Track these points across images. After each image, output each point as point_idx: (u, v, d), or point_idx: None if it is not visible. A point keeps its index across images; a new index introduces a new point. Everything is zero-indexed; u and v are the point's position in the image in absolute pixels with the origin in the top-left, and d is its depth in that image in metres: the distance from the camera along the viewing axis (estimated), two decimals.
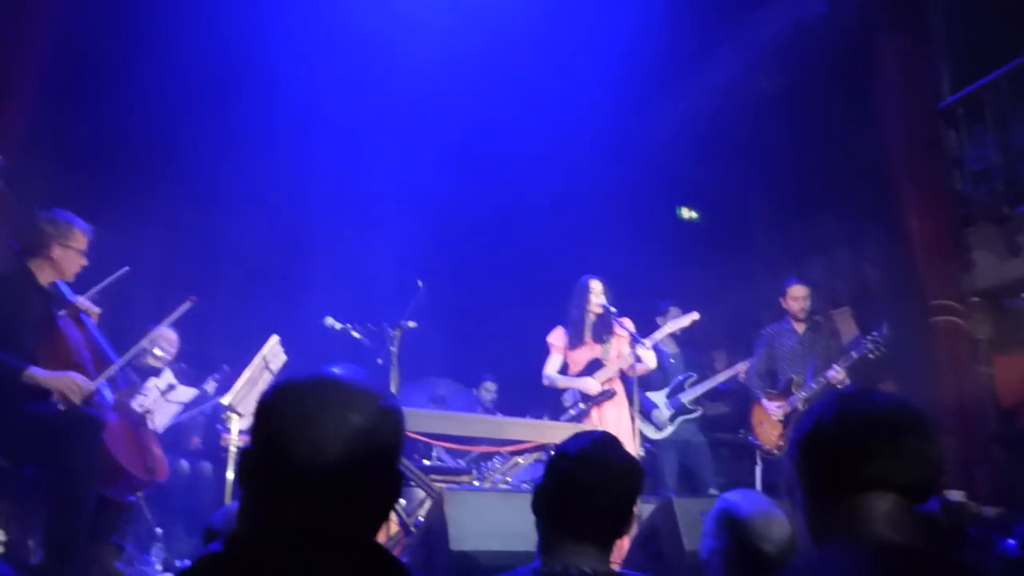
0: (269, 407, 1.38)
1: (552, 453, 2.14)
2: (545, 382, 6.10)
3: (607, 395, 5.95)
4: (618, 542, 2.11)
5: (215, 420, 6.11)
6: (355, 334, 5.39)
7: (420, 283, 5.54)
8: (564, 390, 6.07)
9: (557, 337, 6.14)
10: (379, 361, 5.31)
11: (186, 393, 4.92)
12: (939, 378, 6.32)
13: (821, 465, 1.62)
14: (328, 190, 7.65)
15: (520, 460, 5.24)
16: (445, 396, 7.10)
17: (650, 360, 5.75)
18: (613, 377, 6.01)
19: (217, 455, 5.81)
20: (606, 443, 2.12)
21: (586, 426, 5.56)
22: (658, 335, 6.11)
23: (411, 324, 5.27)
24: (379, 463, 1.39)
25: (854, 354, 6.21)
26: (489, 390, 7.86)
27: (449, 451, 6.40)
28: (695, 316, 6.21)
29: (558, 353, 6.12)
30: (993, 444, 6.34)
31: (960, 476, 5.72)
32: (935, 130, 6.92)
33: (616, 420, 5.87)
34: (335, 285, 7.34)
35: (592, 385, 5.91)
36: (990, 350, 6.86)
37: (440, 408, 6.96)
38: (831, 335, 6.70)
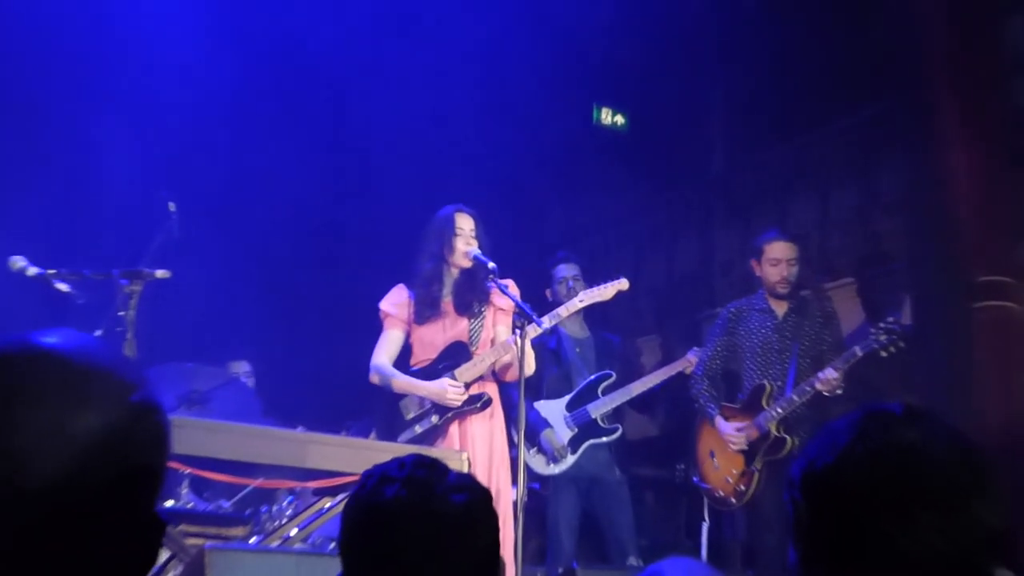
0: None
1: (347, 505, 2.24)
2: (373, 377, 6.06)
3: (476, 403, 5.97)
4: None
5: None
6: (61, 286, 5.29)
7: (173, 206, 5.57)
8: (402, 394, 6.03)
9: (396, 302, 6.13)
10: (98, 333, 5.20)
11: None
12: (979, 390, 6.34)
13: (835, 523, 1.68)
14: (28, 46, 7.49)
15: (328, 503, 5.20)
16: (206, 393, 6.96)
17: (527, 360, 5.70)
18: (486, 376, 6.05)
19: None
20: (430, 474, 2.19)
21: (440, 450, 5.59)
22: (564, 311, 6.14)
23: (160, 274, 5.21)
24: (129, 495, 1.37)
25: (858, 350, 6.30)
26: (239, 373, 7.94)
27: (202, 488, 6.49)
28: (622, 285, 6.24)
29: (397, 328, 6.12)
30: None
31: None
32: (995, 15, 6.84)
33: (487, 444, 5.95)
34: (31, 203, 7.21)
35: (451, 394, 5.94)
36: None
37: (197, 412, 6.85)
38: (826, 320, 6.79)
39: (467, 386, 5.99)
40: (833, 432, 1.71)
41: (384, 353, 6.07)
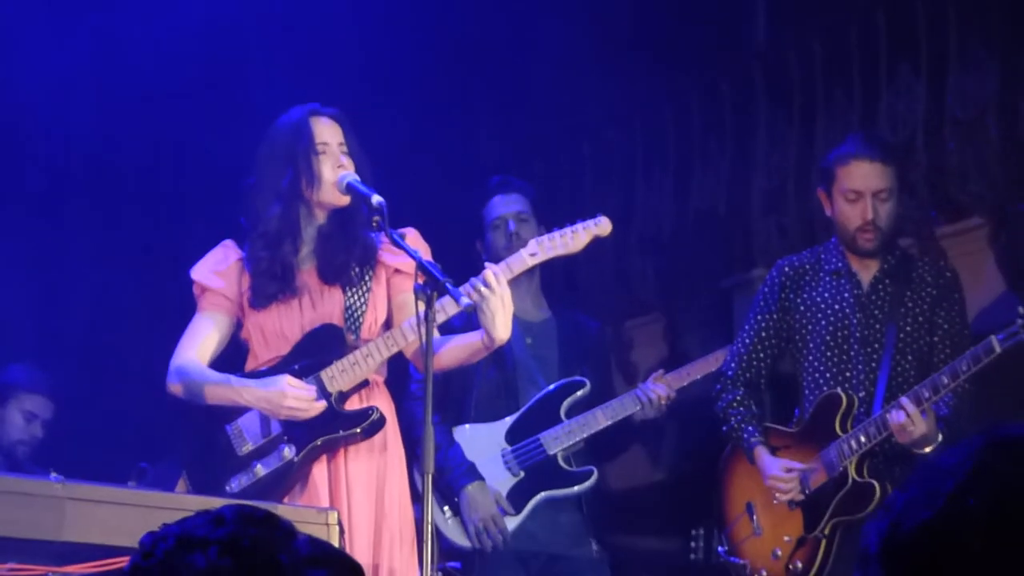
0: None
1: None
2: (173, 385, 5.93)
3: (356, 425, 5.81)
4: None
5: None
6: None
7: None
8: (227, 410, 5.94)
9: (218, 269, 6.11)
10: None
11: None
12: None
13: None
14: None
15: None
16: None
17: (439, 355, 5.77)
18: (374, 381, 5.93)
19: None
20: (267, 535, 2.15)
21: (294, 508, 5.44)
22: (503, 273, 5.81)
23: None
24: None
25: (996, 343, 6.11)
26: None
27: None
28: (600, 229, 6.01)
29: (219, 311, 6.04)
30: None
31: None
32: None
33: (372, 496, 5.85)
34: None
35: (291, 399, 5.76)
36: None
37: None
38: (942, 290, 6.66)
39: (344, 397, 5.80)
40: (933, 472, 1.79)
41: (193, 348, 5.89)
